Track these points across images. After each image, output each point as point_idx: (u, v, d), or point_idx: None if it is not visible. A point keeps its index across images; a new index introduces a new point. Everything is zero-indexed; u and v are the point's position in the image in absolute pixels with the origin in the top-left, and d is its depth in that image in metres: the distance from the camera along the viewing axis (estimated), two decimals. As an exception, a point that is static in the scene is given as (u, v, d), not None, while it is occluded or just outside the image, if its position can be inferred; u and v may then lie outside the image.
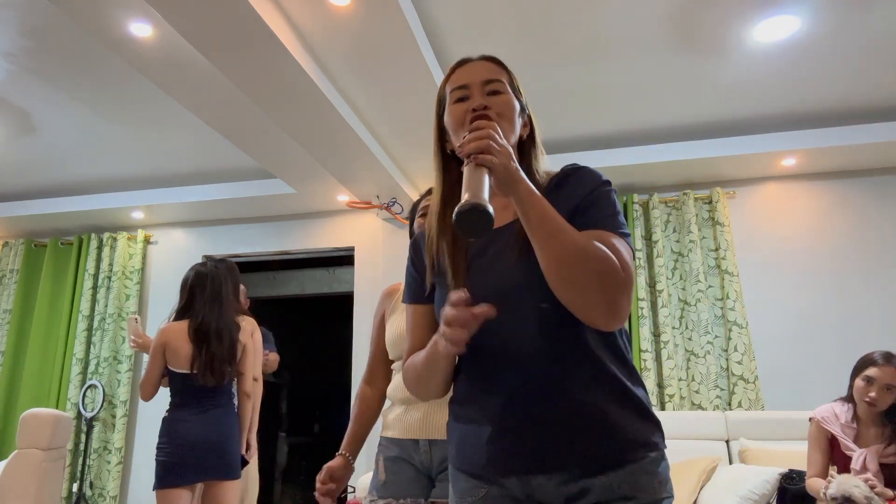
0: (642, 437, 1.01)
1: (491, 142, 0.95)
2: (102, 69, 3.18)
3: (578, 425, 1.00)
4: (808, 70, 3.29)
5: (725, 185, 4.26)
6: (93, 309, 4.92)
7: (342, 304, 4.91)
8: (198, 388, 2.65)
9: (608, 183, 1.09)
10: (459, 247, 1.10)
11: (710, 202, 4.20)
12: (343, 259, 5.37)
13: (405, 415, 1.73)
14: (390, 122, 3.46)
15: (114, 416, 4.70)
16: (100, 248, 5.07)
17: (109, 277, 4.95)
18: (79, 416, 4.66)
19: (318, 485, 1.73)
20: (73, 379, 4.73)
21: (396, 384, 1.81)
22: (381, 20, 2.55)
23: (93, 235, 5.10)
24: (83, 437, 4.61)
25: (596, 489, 0.99)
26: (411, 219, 1.98)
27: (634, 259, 1.06)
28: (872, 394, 2.42)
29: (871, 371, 2.46)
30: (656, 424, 1.04)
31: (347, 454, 1.81)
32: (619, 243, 1.00)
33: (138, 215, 4.94)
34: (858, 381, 2.50)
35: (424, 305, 1.18)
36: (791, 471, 2.94)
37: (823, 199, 4.14)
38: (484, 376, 1.06)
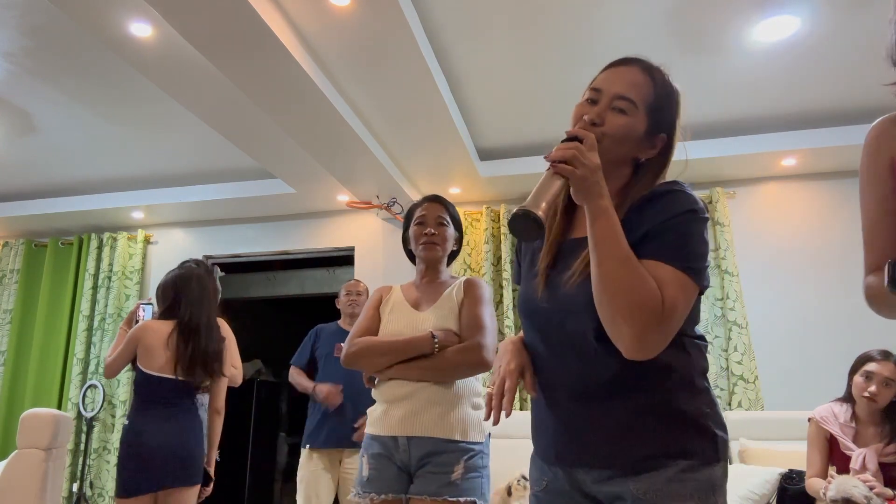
0: (677, 446, 1.02)
1: (577, 154, 0.96)
2: (103, 69, 3.18)
3: (615, 428, 1.04)
4: (808, 70, 3.29)
5: (725, 185, 4.26)
6: (93, 309, 4.92)
7: (342, 304, 4.90)
8: (164, 392, 2.61)
9: (693, 212, 1.04)
10: (553, 245, 1.16)
11: (710, 202, 4.20)
12: (343, 259, 5.37)
13: (387, 413, 1.82)
14: (390, 122, 3.46)
15: (114, 416, 4.70)
16: (100, 248, 5.07)
17: (109, 277, 4.95)
18: (79, 416, 4.66)
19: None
20: (74, 379, 4.73)
21: (382, 384, 1.87)
22: (381, 20, 2.54)
23: (93, 235, 5.10)
24: (83, 437, 4.61)
25: (628, 496, 1.02)
26: (406, 226, 2.04)
27: (702, 293, 1.06)
28: (872, 388, 2.43)
29: (870, 366, 2.47)
30: (701, 435, 1.04)
31: None
32: (674, 277, 0.99)
33: (138, 215, 4.94)
34: (857, 378, 2.51)
35: None
36: (791, 471, 2.93)
37: (823, 199, 4.14)
38: (549, 372, 1.13)
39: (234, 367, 3.02)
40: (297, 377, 3.42)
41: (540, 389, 1.16)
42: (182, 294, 2.73)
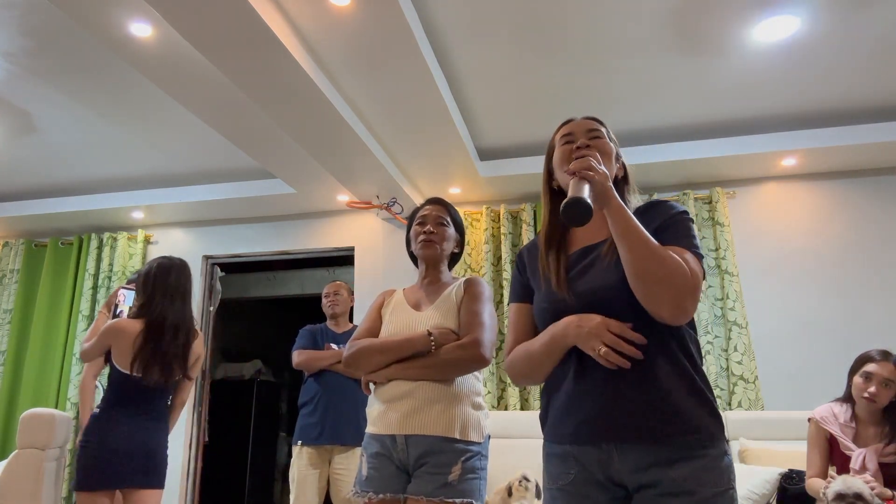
0: (708, 432, 1.17)
1: (593, 162, 1.21)
2: (103, 69, 3.19)
3: (653, 406, 1.17)
4: (808, 70, 3.29)
5: (725, 185, 4.26)
6: (93, 309, 4.92)
7: (342, 304, 4.90)
8: (138, 390, 2.56)
9: (685, 213, 1.32)
10: (562, 259, 1.36)
11: (710, 202, 4.20)
12: (343, 259, 5.37)
13: (386, 412, 1.83)
14: (390, 122, 3.46)
15: (114, 416, 4.69)
16: (100, 248, 5.07)
17: (109, 277, 4.95)
18: (79, 415, 4.66)
19: None
20: (73, 379, 4.73)
21: (381, 385, 1.89)
22: (381, 20, 2.55)
23: (93, 235, 5.10)
24: (83, 436, 4.61)
25: (666, 482, 1.14)
26: (409, 226, 2.09)
27: (704, 278, 1.27)
28: (872, 389, 2.43)
29: (870, 367, 2.47)
30: (720, 422, 1.20)
31: None
32: (690, 258, 1.21)
33: (138, 215, 4.94)
34: (857, 379, 2.51)
35: (527, 304, 1.42)
36: (791, 471, 2.94)
37: (823, 199, 4.14)
38: (579, 359, 1.26)
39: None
40: (304, 354, 3.34)
41: (571, 376, 1.27)
42: (157, 288, 2.66)
